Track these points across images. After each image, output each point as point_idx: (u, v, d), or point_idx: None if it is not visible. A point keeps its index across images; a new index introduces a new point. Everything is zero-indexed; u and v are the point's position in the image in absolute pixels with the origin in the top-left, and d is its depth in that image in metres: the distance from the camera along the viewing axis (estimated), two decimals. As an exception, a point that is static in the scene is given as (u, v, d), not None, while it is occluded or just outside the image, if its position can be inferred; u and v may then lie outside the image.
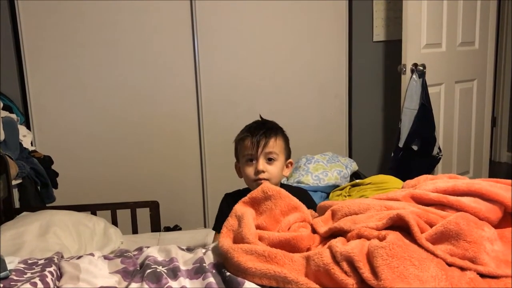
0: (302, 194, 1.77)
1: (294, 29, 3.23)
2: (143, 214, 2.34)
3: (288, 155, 1.78)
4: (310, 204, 1.75)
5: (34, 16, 2.89)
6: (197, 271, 1.23)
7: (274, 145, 1.71)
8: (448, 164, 3.40)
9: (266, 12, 3.16)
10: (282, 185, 1.81)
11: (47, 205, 2.56)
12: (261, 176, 1.68)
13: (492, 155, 4.39)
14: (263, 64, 3.22)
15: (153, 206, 2.32)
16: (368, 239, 1.17)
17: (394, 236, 1.12)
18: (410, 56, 3.02)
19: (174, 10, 3.03)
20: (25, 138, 2.70)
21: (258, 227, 1.34)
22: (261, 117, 1.84)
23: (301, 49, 3.26)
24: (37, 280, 1.16)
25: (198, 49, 3.09)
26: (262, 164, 1.69)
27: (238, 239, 1.28)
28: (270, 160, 1.71)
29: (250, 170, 1.70)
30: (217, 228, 1.76)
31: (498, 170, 4.36)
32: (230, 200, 1.74)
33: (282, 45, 3.23)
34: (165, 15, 3.03)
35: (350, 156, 3.38)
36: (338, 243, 1.17)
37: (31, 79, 2.94)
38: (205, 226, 3.25)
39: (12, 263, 1.30)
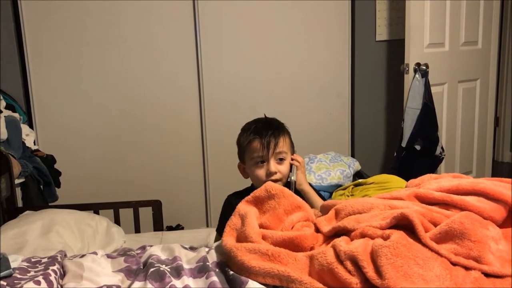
0: None
1: (296, 28, 3.23)
2: (146, 213, 2.34)
3: (293, 150, 1.78)
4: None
5: (37, 15, 2.89)
6: (201, 270, 1.23)
7: (283, 145, 1.70)
8: (451, 164, 3.39)
9: (268, 12, 3.16)
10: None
11: (49, 204, 2.57)
12: (274, 177, 1.67)
13: (495, 155, 4.38)
14: (266, 64, 3.22)
15: (156, 205, 2.32)
16: (372, 238, 1.17)
17: (398, 235, 1.12)
18: (413, 55, 3.02)
19: (176, 10, 3.03)
20: (28, 137, 2.70)
21: (261, 226, 1.33)
22: (265, 115, 1.82)
23: (304, 49, 3.26)
24: (40, 278, 1.16)
25: (201, 48, 3.09)
26: (273, 165, 1.68)
27: (242, 238, 1.28)
28: (280, 160, 1.70)
29: (261, 172, 1.69)
30: (220, 230, 1.75)
31: (501, 170, 4.35)
32: (233, 201, 1.73)
33: (285, 45, 3.23)
34: (167, 15, 3.03)
35: (352, 156, 3.38)
36: (341, 242, 1.17)
37: (33, 78, 2.95)
38: (207, 226, 3.25)
39: (15, 261, 1.30)
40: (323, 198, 1.78)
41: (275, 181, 1.66)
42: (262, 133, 1.68)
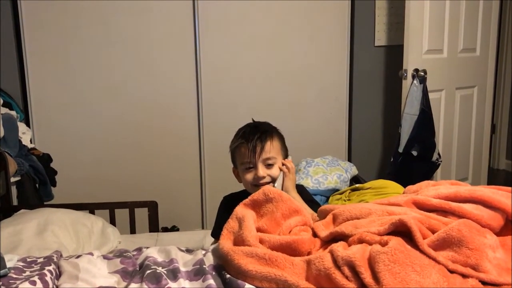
0: (299, 190, 1.76)
1: (296, 32, 3.23)
2: (141, 214, 2.33)
3: (285, 154, 1.76)
4: (308, 198, 1.74)
5: (36, 14, 2.88)
6: (197, 273, 1.22)
7: (271, 149, 1.68)
8: (447, 170, 3.40)
9: (268, 16, 3.17)
10: None
11: (45, 203, 2.56)
12: (263, 181, 1.67)
13: (491, 162, 4.39)
14: (264, 66, 3.22)
15: (152, 206, 2.31)
16: (370, 244, 1.17)
17: (396, 242, 1.12)
18: (411, 61, 3.02)
19: (176, 10, 3.03)
20: (25, 135, 2.69)
21: (258, 230, 1.33)
22: (253, 120, 1.82)
23: (303, 52, 3.26)
24: (36, 278, 1.15)
25: (200, 49, 3.09)
26: (261, 170, 1.67)
27: (239, 241, 1.27)
28: (269, 166, 1.69)
29: (250, 177, 1.69)
30: (215, 234, 1.76)
31: (496, 177, 4.37)
32: (227, 205, 1.72)
33: (284, 48, 3.23)
34: (167, 15, 3.02)
35: (349, 160, 3.38)
36: (339, 248, 1.17)
37: (31, 76, 2.94)
38: (203, 228, 3.24)
39: (11, 261, 1.29)
40: (318, 205, 1.77)
41: (265, 184, 1.65)
42: (249, 137, 1.68)
